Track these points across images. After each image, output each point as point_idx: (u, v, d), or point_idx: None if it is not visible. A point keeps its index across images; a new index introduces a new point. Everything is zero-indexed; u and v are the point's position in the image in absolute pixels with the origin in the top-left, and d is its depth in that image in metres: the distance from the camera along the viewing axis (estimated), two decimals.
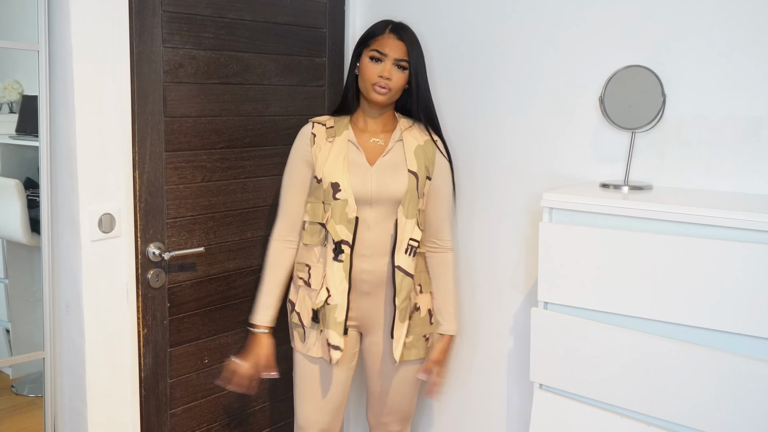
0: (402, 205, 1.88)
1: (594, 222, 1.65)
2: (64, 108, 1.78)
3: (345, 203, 1.85)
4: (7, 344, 2.06)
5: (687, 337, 1.55)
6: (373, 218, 1.89)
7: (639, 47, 1.83)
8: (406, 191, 1.88)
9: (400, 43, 1.89)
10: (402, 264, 1.88)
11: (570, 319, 1.69)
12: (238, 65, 2.09)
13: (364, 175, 1.88)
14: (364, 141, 1.94)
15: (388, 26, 1.93)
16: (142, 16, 1.85)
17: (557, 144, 2.01)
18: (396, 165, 1.91)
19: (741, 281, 1.45)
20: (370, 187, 1.88)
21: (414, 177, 1.90)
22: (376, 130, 1.96)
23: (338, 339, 1.86)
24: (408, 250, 1.89)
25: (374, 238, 1.89)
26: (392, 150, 1.93)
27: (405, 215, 1.88)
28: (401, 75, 1.90)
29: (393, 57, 1.88)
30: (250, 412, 2.31)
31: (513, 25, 2.07)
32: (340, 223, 1.85)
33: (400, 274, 1.88)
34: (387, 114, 1.97)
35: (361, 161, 1.90)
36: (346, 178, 1.86)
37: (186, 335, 2.08)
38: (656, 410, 1.59)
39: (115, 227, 1.86)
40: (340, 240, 1.85)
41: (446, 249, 2.03)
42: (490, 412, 2.27)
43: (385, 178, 1.89)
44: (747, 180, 1.71)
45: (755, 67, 1.67)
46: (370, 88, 1.88)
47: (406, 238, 1.88)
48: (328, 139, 1.92)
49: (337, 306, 1.86)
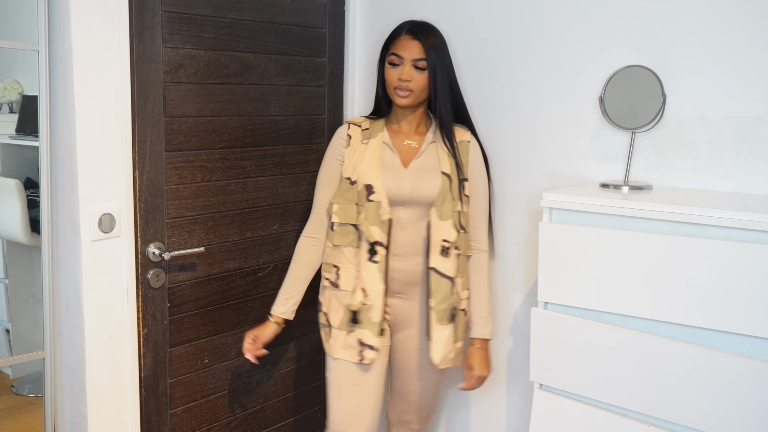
0: (435, 206, 1.88)
1: (594, 222, 1.65)
2: (64, 108, 1.78)
3: (378, 205, 1.86)
4: (7, 344, 2.06)
5: (687, 337, 1.55)
6: (406, 219, 1.89)
7: (639, 47, 1.83)
8: (438, 193, 1.87)
9: (416, 43, 1.86)
10: (437, 265, 1.87)
11: (570, 319, 1.69)
12: (238, 65, 2.09)
13: (399, 176, 1.88)
14: (398, 143, 1.94)
15: (406, 27, 1.90)
16: (142, 16, 1.85)
17: (557, 144, 2.01)
18: (429, 167, 1.90)
19: (741, 281, 1.45)
20: (403, 189, 1.88)
21: (447, 179, 1.89)
22: (409, 132, 1.95)
23: (374, 339, 1.87)
24: (442, 251, 1.87)
25: (406, 239, 1.89)
26: (426, 152, 1.92)
27: (439, 217, 1.88)
28: (421, 75, 1.87)
29: (410, 58, 1.86)
30: (250, 412, 2.31)
31: (513, 25, 2.07)
32: (374, 224, 1.86)
33: (435, 275, 1.87)
34: (418, 115, 1.95)
35: (396, 163, 1.90)
36: (379, 180, 1.86)
37: (186, 335, 2.08)
38: (656, 410, 1.59)
39: (115, 227, 1.86)
40: (374, 241, 1.86)
41: (480, 250, 2.00)
42: (490, 412, 2.27)
43: (419, 179, 1.88)
44: (747, 180, 1.71)
45: (755, 67, 1.67)
46: (393, 92, 1.88)
47: (440, 239, 1.88)
48: (363, 141, 1.93)
49: (373, 306, 1.86)
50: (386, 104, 1.97)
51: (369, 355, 1.88)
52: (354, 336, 1.89)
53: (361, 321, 1.88)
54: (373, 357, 1.87)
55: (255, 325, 2.28)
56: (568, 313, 1.71)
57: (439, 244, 1.87)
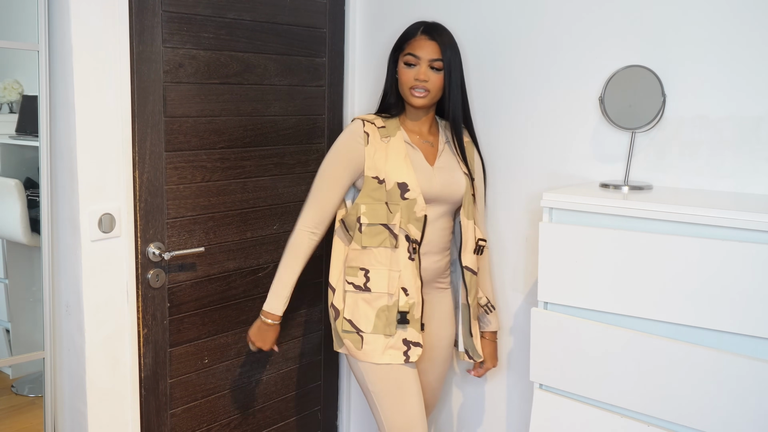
0: (463, 206, 1.92)
1: (594, 222, 1.65)
2: (64, 108, 1.78)
3: (414, 202, 1.85)
4: (7, 344, 2.06)
5: (687, 337, 1.54)
6: (432, 217, 1.90)
7: (639, 47, 1.83)
8: (464, 192, 1.92)
9: (433, 43, 1.85)
10: (469, 264, 1.92)
11: (570, 319, 1.69)
12: (238, 65, 2.09)
13: (429, 174, 1.88)
14: (417, 142, 1.93)
15: (421, 27, 1.89)
16: (142, 16, 1.85)
17: (557, 144, 2.01)
18: (452, 166, 1.93)
19: (741, 281, 1.45)
20: (435, 187, 1.88)
21: (468, 178, 1.93)
22: (423, 132, 1.95)
23: (418, 335, 1.86)
24: (476, 250, 1.94)
25: (431, 236, 1.90)
26: (444, 151, 1.95)
27: (466, 216, 1.92)
28: (438, 76, 1.86)
29: (427, 59, 1.85)
30: (250, 412, 2.31)
31: (513, 25, 2.07)
32: (410, 222, 1.85)
33: (469, 273, 1.92)
34: (429, 117, 1.96)
35: (422, 161, 1.90)
36: (413, 177, 1.85)
37: (186, 335, 2.08)
38: (656, 410, 1.59)
39: (115, 227, 1.86)
40: (413, 239, 1.86)
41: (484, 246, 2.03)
42: (490, 412, 2.27)
43: (447, 178, 1.90)
44: (747, 180, 1.71)
45: (755, 67, 1.67)
46: (408, 93, 1.87)
47: (471, 237, 1.92)
48: (383, 138, 1.89)
49: (415, 303, 1.86)
50: (397, 105, 1.94)
51: (416, 352, 1.85)
52: (397, 337, 1.85)
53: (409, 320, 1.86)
54: (419, 353, 1.86)
55: None
56: (568, 313, 1.71)
57: (473, 242, 1.93)
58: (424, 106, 1.89)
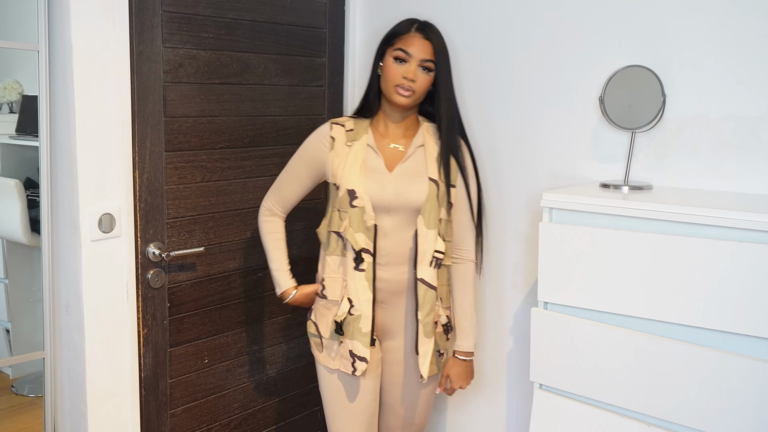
0: (422, 214, 1.78)
1: (594, 222, 1.65)
2: (64, 108, 1.78)
3: (362, 211, 1.76)
4: (7, 344, 2.06)
5: (687, 337, 1.55)
6: (391, 226, 1.80)
7: (639, 47, 1.83)
8: (426, 199, 1.78)
9: (427, 42, 1.77)
10: (425, 276, 1.78)
11: (570, 319, 1.69)
12: (238, 65, 2.09)
13: (383, 181, 1.79)
14: (383, 146, 1.84)
15: (414, 24, 1.80)
16: (142, 16, 1.85)
17: (557, 144, 2.01)
18: (416, 172, 1.81)
19: (741, 281, 1.45)
20: (388, 194, 1.78)
21: (435, 185, 1.79)
22: (397, 135, 1.86)
23: (364, 350, 1.78)
24: (432, 262, 1.79)
25: (391, 247, 1.80)
26: (413, 156, 1.83)
27: (426, 225, 1.78)
28: (426, 77, 1.78)
29: (419, 58, 1.76)
30: (250, 412, 2.31)
31: (513, 25, 2.07)
32: (358, 231, 1.77)
33: (423, 286, 1.78)
34: (409, 118, 1.86)
35: (380, 167, 1.81)
36: (362, 184, 1.77)
37: (186, 335, 2.08)
38: (656, 410, 1.59)
39: (115, 227, 1.86)
40: (360, 249, 1.77)
41: (467, 260, 1.92)
42: (490, 412, 2.27)
43: (404, 185, 1.79)
44: (747, 180, 1.71)
45: (755, 67, 1.67)
46: (392, 90, 1.77)
47: (429, 249, 1.78)
48: (347, 143, 1.83)
49: (362, 316, 1.78)
50: (375, 102, 1.86)
51: (360, 367, 1.79)
52: (345, 347, 1.82)
53: (346, 332, 1.81)
54: (365, 368, 1.79)
55: (255, 325, 2.28)
56: (568, 313, 1.71)
57: (429, 254, 1.78)
58: (406, 106, 1.80)
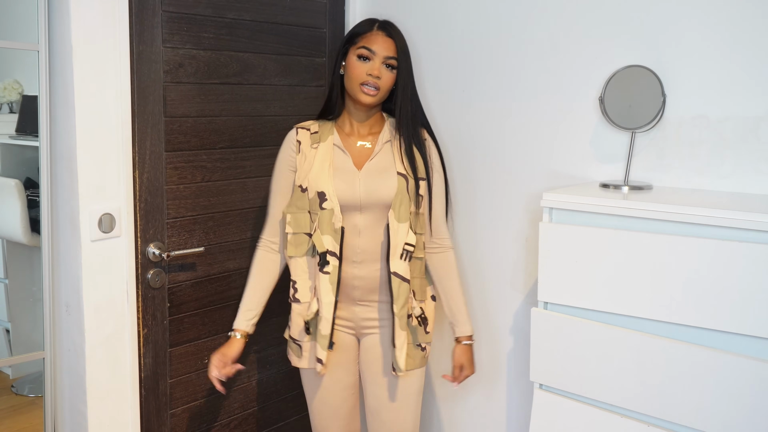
0: (392, 208, 1.79)
1: (594, 222, 1.65)
2: (64, 108, 1.78)
3: (331, 213, 1.78)
4: (7, 344, 2.06)
5: (687, 337, 1.55)
6: (364, 224, 1.82)
7: (639, 47, 1.83)
8: (395, 194, 1.80)
9: (390, 40, 1.82)
10: (398, 270, 1.80)
11: (570, 319, 1.69)
12: (238, 65, 2.09)
13: (352, 180, 1.80)
14: (350, 144, 1.86)
15: (376, 23, 1.85)
16: (142, 16, 1.85)
17: (557, 144, 2.01)
18: (385, 168, 1.83)
19: (741, 281, 1.45)
20: (358, 193, 1.80)
21: (404, 179, 1.81)
22: (363, 133, 1.88)
23: (322, 353, 1.81)
24: (403, 255, 1.80)
25: (365, 245, 1.82)
26: (380, 152, 1.85)
27: (396, 219, 1.79)
28: (390, 74, 1.82)
29: (382, 55, 1.80)
30: (250, 412, 2.31)
31: (513, 25, 2.07)
32: (326, 233, 1.78)
33: (397, 280, 1.80)
34: (374, 116, 1.89)
35: (348, 166, 1.82)
36: (331, 186, 1.78)
37: (186, 335, 2.08)
38: (656, 410, 1.59)
39: (115, 227, 1.86)
40: (325, 251, 1.78)
41: (447, 247, 1.95)
42: (490, 412, 2.27)
43: (374, 182, 1.81)
44: (747, 180, 1.71)
45: (755, 67, 1.67)
46: (357, 88, 1.80)
47: (401, 242, 1.80)
48: (313, 145, 1.85)
49: (323, 318, 1.79)
50: (339, 102, 1.88)
51: (318, 368, 1.82)
52: (311, 347, 1.86)
53: (312, 333, 1.84)
54: (321, 370, 1.82)
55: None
56: (568, 313, 1.71)
57: (400, 247, 1.79)
58: (371, 104, 1.82)
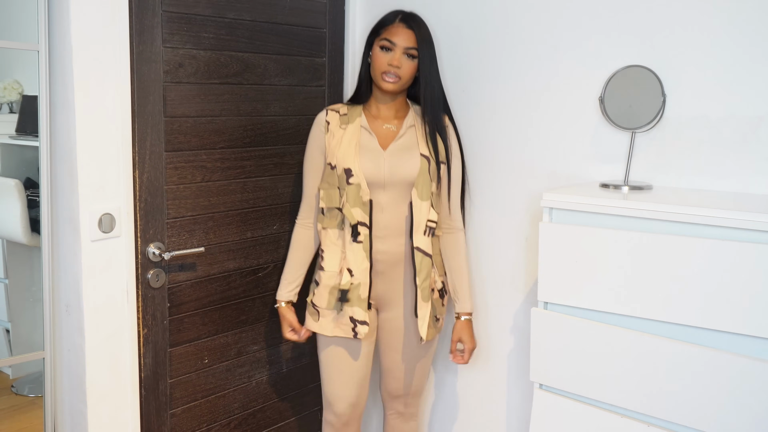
0: (415, 187, 1.93)
1: (594, 222, 1.65)
2: (64, 108, 1.78)
3: (358, 187, 1.91)
4: (7, 344, 2.06)
5: (687, 337, 1.55)
6: (387, 201, 1.95)
7: (639, 47, 1.83)
8: (418, 173, 1.93)
9: (410, 31, 1.93)
10: (421, 245, 1.94)
11: (570, 319, 1.69)
12: (238, 65, 2.09)
13: (377, 159, 1.94)
14: (376, 127, 2.00)
15: (398, 16, 1.96)
16: (142, 16, 1.85)
17: (557, 144, 2.01)
18: (408, 149, 1.96)
19: (741, 281, 1.45)
20: (383, 171, 1.93)
21: (426, 160, 1.94)
22: (388, 117, 2.01)
23: (364, 314, 1.94)
24: (426, 231, 1.94)
25: (388, 220, 1.95)
26: (405, 135, 1.98)
27: (419, 197, 1.93)
28: (411, 64, 1.93)
29: (402, 46, 1.91)
30: (250, 412, 2.31)
31: (513, 25, 2.07)
32: (355, 206, 1.91)
33: (419, 254, 1.94)
34: (399, 101, 2.02)
35: (374, 146, 1.96)
36: (357, 163, 1.91)
37: (186, 335, 2.08)
38: (656, 410, 1.59)
39: (115, 227, 1.86)
40: (356, 222, 1.92)
41: (458, 229, 2.06)
42: (490, 412, 2.27)
43: (398, 161, 1.94)
44: (747, 180, 1.71)
45: (755, 67, 1.67)
46: (379, 77, 1.93)
47: (423, 219, 1.94)
48: (342, 125, 1.98)
49: (361, 284, 1.93)
50: (367, 89, 2.02)
51: (362, 330, 1.94)
52: (345, 314, 1.96)
53: (350, 299, 1.94)
54: (366, 331, 1.94)
55: (255, 325, 2.28)
56: (568, 313, 1.71)
57: (423, 223, 1.94)
58: (393, 91, 1.95)
